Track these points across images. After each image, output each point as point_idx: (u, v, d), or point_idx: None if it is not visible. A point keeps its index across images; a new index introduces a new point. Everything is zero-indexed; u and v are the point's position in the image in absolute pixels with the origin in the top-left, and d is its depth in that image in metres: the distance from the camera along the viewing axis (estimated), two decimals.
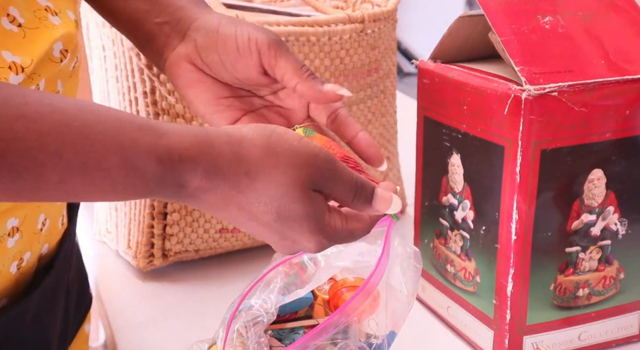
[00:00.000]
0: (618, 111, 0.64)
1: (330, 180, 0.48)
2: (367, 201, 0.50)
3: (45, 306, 0.60)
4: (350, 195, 0.49)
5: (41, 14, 0.52)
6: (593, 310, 0.69)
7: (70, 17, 0.55)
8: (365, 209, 0.51)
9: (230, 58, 0.57)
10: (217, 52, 0.58)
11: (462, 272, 0.72)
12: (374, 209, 0.51)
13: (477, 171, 0.68)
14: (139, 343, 0.76)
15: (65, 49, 0.53)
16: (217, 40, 0.58)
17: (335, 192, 0.49)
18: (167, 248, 0.86)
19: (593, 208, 0.66)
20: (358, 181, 0.49)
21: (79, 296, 0.69)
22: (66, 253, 0.64)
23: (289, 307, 0.62)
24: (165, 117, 0.81)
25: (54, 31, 0.52)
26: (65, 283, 0.64)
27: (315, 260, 0.62)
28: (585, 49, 0.65)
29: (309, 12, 0.96)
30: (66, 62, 0.54)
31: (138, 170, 0.43)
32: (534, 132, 0.61)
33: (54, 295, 0.61)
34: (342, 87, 0.56)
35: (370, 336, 0.61)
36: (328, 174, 0.48)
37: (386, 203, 0.51)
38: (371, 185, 0.51)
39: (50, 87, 0.53)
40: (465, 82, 0.67)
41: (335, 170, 0.48)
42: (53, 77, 0.54)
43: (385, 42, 0.92)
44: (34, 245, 0.57)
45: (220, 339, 0.58)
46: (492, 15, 0.65)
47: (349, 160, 0.54)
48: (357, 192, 0.49)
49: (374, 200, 0.50)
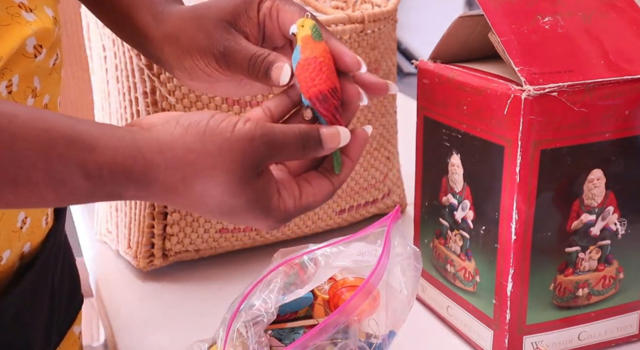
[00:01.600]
0: (618, 111, 0.64)
1: (272, 154, 0.48)
2: (318, 146, 0.50)
3: (26, 306, 0.59)
4: (299, 152, 0.49)
5: (14, 10, 0.51)
6: (593, 310, 0.69)
7: (48, 14, 0.54)
8: (319, 152, 0.50)
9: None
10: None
11: (462, 272, 0.72)
12: (327, 148, 0.50)
13: (477, 171, 0.68)
14: (139, 343, 0.76)
15: (40, 45, 0.53)
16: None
17: (283, 158, 0.49)
18: (168, 248, 0.86)
19: (593, 208, 0.66)
20: (302, 134, 0.49)
21: (68, 297, 0.68)
22: (50, 252, 0.63)
23: (289, 307, 0.62)
24: None
25: (27, 27, 0.51)
26: (49, 283, 0.63)
27: (315, 260, 0.62)
28: (585, 49, 0.65)
29: (308, 12, 0.96)
30: (42, 57, 0.53)
31: (66, 185, 0.43)
32: (534, 132, 0.61)
33: (37, 295, 0.61)
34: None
35: (370, 336, 0.61)
36: (268, 151, 0.47)
37: (335, 139, 0.50)
38: (315, 130, 0.50)
39: (25, 82, 0.53)
40: (465, 82, 0.67)
41: (275, 142, 0.47)
42: (28, 73, 0.53)
43: (385, 42, 0.92)
44: (14, 243, 0.56)
45: (220, 339, 0.59)
46: (492, 15, 0.65)
47: (336, 92, 0.52)
48: (305, 144, 0.49)
49: (323, 141, 0.50)
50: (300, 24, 0.52)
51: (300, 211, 0.51)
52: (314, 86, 0.50)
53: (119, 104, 0.86)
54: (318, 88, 0.51)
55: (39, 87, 0.55)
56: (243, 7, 0.55)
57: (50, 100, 0.58)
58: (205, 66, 0.55)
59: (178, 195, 0.46)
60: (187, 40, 0.56)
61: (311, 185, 0.52)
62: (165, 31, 0.57)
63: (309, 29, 0.51)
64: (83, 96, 1.86)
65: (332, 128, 0.51)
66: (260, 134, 0.47)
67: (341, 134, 0.51)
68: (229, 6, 0.55)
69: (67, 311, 0.68)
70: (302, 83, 0.51)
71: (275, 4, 0.55)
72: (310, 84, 0.50)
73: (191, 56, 0.55)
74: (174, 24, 0.57)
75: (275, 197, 0.49)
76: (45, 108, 0.57)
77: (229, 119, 0.47)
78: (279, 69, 0.51)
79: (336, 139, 0.50)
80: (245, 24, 0.55)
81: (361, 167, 0.94)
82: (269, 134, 0.47)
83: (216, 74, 0.56)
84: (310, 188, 0.51)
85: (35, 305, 0.61)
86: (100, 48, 0.88)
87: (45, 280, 0.62)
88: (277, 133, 0.48)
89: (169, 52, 0.57)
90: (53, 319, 0.65)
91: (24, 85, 0.53)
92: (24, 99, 0.53)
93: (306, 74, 0.50)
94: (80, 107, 1.88)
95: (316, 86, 0.50)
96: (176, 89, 0.81)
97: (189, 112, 0.48)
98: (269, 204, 0.48)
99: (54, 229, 0.64)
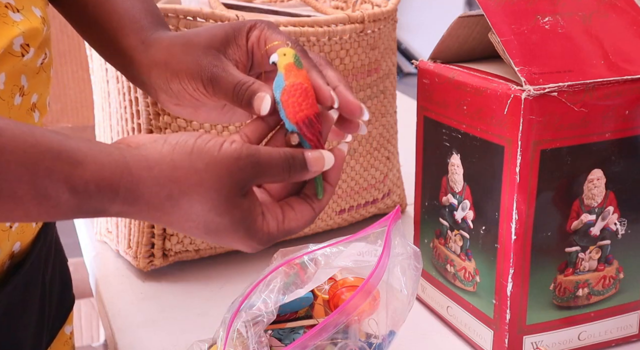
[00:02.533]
0: (618, 111, 0.64)
1: (258, 174, 0.48)
2: (303, 169, 0.50)
3: (16, 305, 0.59)
4: (285, 174, 0.50)
5: (0, 10, 0.51)
6: (593, 310, 0.69)
7: (36, 14, 0.55)
8: (304, 176, 0.51)
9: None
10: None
11: (462, 272, 0.72)
12: (312, 171, 0.51)
13: (477, 171, 0.68)
14: (139, 343, 0.76)
15: (27, 44, 0.53)
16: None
17: (269, 179, 0.49)
18: (168, 248, 0.86)
19: (593, 208, 0.66)
20: (287, 157, 0.50)
21: (59, 297, 0.68)
22: (41, 252, 0.63)
23: (289, 307, 0.62)
24: (166, 117, 0.81)
25: (14, 27, 0.52)
26: (39, 282, 0.63)
27: (315, 260, 0.62)
28: (585, 49, 0.65)
29: (309, 12, 0.96)
30: (29, 56, 0.54)
31: (51, 199, 0.43)
32: (534, 132, 0.61)
33: (27, 294, 0.61)
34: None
35: (370, 336, 0.61)
36: (254, 171, 0.48)
37: (320, 163, 0.51)
38: (300, 153, 0.50)
39: (12, 81, 0.53)
40: (465, 82, 0.67)
41: (260, 162, 0.48)
42: (15, 71, 0.53)
43: (385, 42, 0.92)
44: (3, 242, 0.57)
45: (220, 339, 0.59)
46: (491, 15, 0.65)
47: (319, 117, 0.52)
48: (291, 167, 0.50)
49: (308, 164, 0.51)
50: (282, 53, 0.53)
51: (282, 235, 0.51)
52: (300, 111, 0.51)
53: (119, 104, 0.86)
54: (305, 113, 0.51)
55: (26, 86, 0.55)
56: (232, 35, 0.57)
57: (39, 100, 0.58)
58: (193, 90, 0.56)
59: (164, 212, 0.47)
60: (176, 64, 0.57)
61: (293, 210, 0.52)
62: (154, 56, 0.58)
63: (291, 57, 0.53)
64: (83, 96, 1.86)
65: (316, 152, 0.51)
66: (247, 154, 0.48)
67: (325, 158, 0.52)
68: (218, 34, 0.56)
69: (58, 311, 0.68)
70: (289, 109, 0.52)
71: (263, 33, 0.56)
72: (297, 109, 0.51)
73: (179, 79, 0.56)
74: (163, 49, 0.58)
75: (260, 218, 0.50)
76: (33, 107, 0.57)
77: (215, 139, 0.48)
78: (260, 99, 0.52)
79: (321, 163, 0.51)
80: (235, 52, 0.57)
81: (361, 167, 0.94)
82: (255, 154, 0.48)
83: (203, 98, 0.57)
84: (292, 213, 0.52)
85: (25, 305, 0.61)
86: None
87: (35, 280, 0.62)
88: (263, 154, 0.49)
89: (157, 75, 0.58)
90: (44, 319, 0.65)
91: (11, 84, 0.53)
92: (11, 97, 0.54)
93: (292, 99, 0.51)
94: (80, 107, 1.88)
95: (303, 111, 0.51)
96: None
97: (176, 133, 0.49)
98: (254, 225, 0.49)
99: (44, 228, 0.64)
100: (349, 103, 0.54)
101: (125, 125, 0.86)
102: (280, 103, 0.52)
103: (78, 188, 0.43)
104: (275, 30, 0.56)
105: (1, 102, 0.52)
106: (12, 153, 0.41)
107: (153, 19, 0.61)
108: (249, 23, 0.57)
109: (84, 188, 0.43)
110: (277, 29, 0.56)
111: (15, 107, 0.54)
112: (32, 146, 0.42)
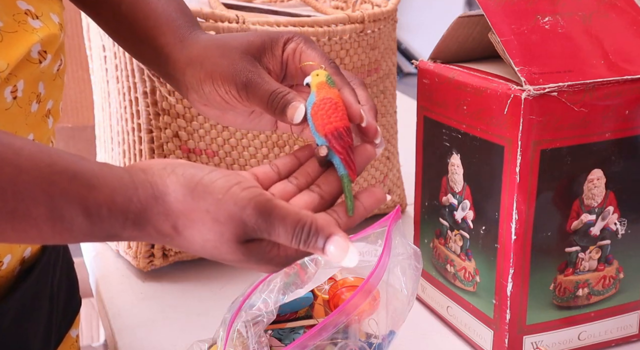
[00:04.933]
0: (618, 111, 0.64)
1: (264, 231, 0.45)
2: (316, 241, 0.46)
3: (26, 310, 0.59)
4: (294, 240, 0.45)
5: (20, 17, 0.52)
6: (593, 310, 0.69)
7: (54, 20, 0.55)
8: (316, 252, 0.46)
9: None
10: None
11: (462, 272, 0.72)
12: (326, 255, 0.46)
13: (477, 171, 0.68)
14: (139, 343, 0.76)
15: (44, 50, 0.53)
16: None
17: (274, 239, 0.46)
18: (168, 248, 0.86)
19: (593, 208, 0.66)
20: (301, 221, 0.45)
21: (65, 300, 0.68)
22: (50, 257, 0.63)
23: (289, 307, 0.62)
24: (166, 117, 0.81)
25: (34, 35, 0.52)
26: (48, 287, 0.64)
27: (315, 260, 0.62)
28: (585, 49, 0.65)
29: (309, 12, 0.96)
30: (46, 63, 0.54)
31: (65, 221, 0.42)
32: (534, 132, 0.61)
33: (36, 299, 0.61)
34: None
35: (370, 336, 0.61)
36: (258, 227, 0.45)
37: (341, 254, 0.46)
38: (315, 222, 0.45)
39: (30, 88, 0.53)
40: (465, 82, 0.67)
41: (271, 221, 0.45)
42: (34, 78, 0.53)
43: (385, 42, 0.92)
44: (14, 248, 0.57)
45: (221, 339, 0.59)
46: (491, 15, 0.65)
47: (349, 132, 0.52)
48: (298, 236, 0.45)
49: (326, 251, 0.46)
50: (315, 74, 0.54)
51: (302, 255, 0.49)
52: (329, 123, 0.52)
53: (119, 104, 0.86)
54: (334, 125, 0.52)
55: (43, 93, 0.55)
56: (270, 44, 0.57)
57: (53, 106, 0.58)
58: (225, 93, 0.56)
59: (171, 238, 0.46)
60: (211, 65, 0.57)
61: None
62: (190, 55, 0.58)
63: (324, 77, 0.53)
64: (83, 96, 1.86)
65: (343, 241, 0.46)
66: (254, 208, 0.44)
67: (349, 254, 0.46)
68: (256, 41, 0.57)
69: (64, 314, 0.68)
70: (318, 121, 0.52)
71: (300, 47, 0.57)
72: (327, 121, 0.52)
73: (213, 81, 0.56)
74: (200, 49, 0.58)
75: (274, 249, 0.47)
76: (48, 113, 0.58)
77: (226, 178, 0.46)
78: (294, 108, 0.52)
79: (341, 255, 0.46)
80: (269, 60, 0.57)
81: None
82: (264, 211, 0.44)
83: (234, 101, 0.56)
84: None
85: (34, 309, 0.61)
86: (100, 48, 0.88)
87: (45, 284, 0.63)
88: (275, 214, 0.45)
89: (191, 75, 0.58)
90: (52, 322, 0.65)
91: (29, 91, 0.53)
92: (29, 104, 0.54)
93: (322, 112, 0.52)
94: (80, 107, 1.88)
95: (332, 123, 0.52)
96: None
97: (187, 162, 0.48)
98: (265, 257, 0.47)
99: None
100: (367, 123, 0.54)
101: (125, 125, 0.86)
102: (311, 118, 0.52)
103: (92, 211, 0.43)
104: (312, 45, 0.56)
105: (19, 109, 0.52)
106: (29, 173, 0.41)
107: (188, 19, 0.62)
108: (287, 34, 0.57)
109: (97, 211, 0.43)
110: (313, 45, 0.57)
111: (32, 114, 0.54)
112: (48, 166, 0.42)
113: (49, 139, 0.59)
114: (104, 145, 0.95)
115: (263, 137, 0.86)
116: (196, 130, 0.83)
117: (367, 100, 0.56)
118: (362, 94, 0.56)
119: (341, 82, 0.54)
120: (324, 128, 0.51)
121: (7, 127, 0.51)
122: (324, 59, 0.55)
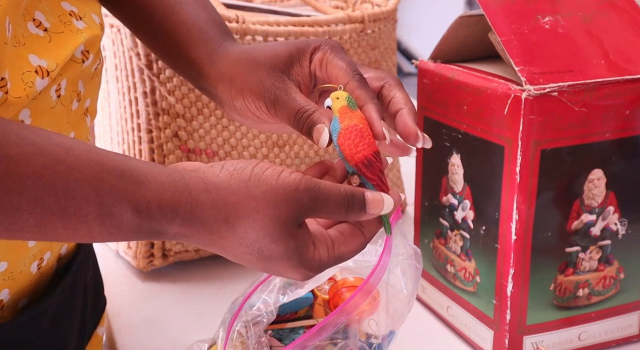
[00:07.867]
0: (618, 111, 0.64)
1: (315, 208, 0.48)
2: (361, 209, 0.50)
3: (63, 306, 0.60)
4: (342, 211, 0.49)
5: (66, 18, 0.52)
6: (593, 310, 0.69)
7: (95, 21, 0.56)
8: (362, 216, 0.50)
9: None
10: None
11: (462, 272, 0.72)
12: (369, 213, 0.50)
13: (477, 171, 0.68)
14: (139, 343, 0.76)
15: (87, 50, 0.54)
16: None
17: (324, 215, 0.49)
18: (167, 248, 0.86)
19: (593, 208, 0.66)
20: (347, 195, 0.49)
21: (94, 298, 0.69)
22: (84, 254, 0.64)
23: (289, 307, 0.62)
24: (165, 117, 0.81)
25: (79, 36, 0.52)
26: (82, 284, 0.64)
27: None
28: (585, 49, 0.65)
29: (309, 12, 0.96)
30: (88, 63, 0.55)
31: (114, 218, 0.43)
32: (534, 132, 0.61)
33: (72, 295, 0.62)
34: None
35: (370, 336, 0.61)
36: (311, 204, 0.47)
37: (379, 205, 0.50)
38: (360, 193, 0.50)
39: (71, 87, 0.54)
40: (465, 82, 0.67)
41: (319, 197, 0.48)
42: (75, 77, 0.54)
43: (385, 42, 0.92)
44: (54, 245, 0.57)
45: (221, 339, 0.59)
46: (492, 15, 0.65)
47: (378, 156, 0.52)
48: (349, 205, 0.49)
49: (367, 205, 0.50)
50: (335, 97, 0.53)
51: (333, 262, 0.50)
52: (357, 152, 0.52)
53: (118, 104, 0.86)
54: (362, 154, 0.52)
55: (82, 91, 0.56)
56: (297, 56, 0.57)
57: (91, 104, 0.59)
58: (256, 109, 0.57)
59: (219, 235, 0.47)
60: (241, 82, 0.57)
61: (343, 235, 0.52)
62: (220, 70, 0.58)
63: (344, 100, 0.53)
64: None
65: (377, 194, 0.51)
66: (305, 187, 0.47)
67: (385, 202, 0.51)
68: (283, 54, 0.56)
69: (93, 312, 0.69)
70: (346, 151, 0.52)
71: (326, 57, 0.56)
72: (354, 150, 0.52)
73: (243, 97, 0.57)
74: (229, 64, 0.58)
75: (312, 247, 0.49)
76: (86, 111, 0.58)
77: (273, 167, 0.48)
78: (318, 132, 0.52)
79: (380, 205, 0.50)
80: (298, 73, 0.57)
81: None
82: (314, 188, 0.47)
83: (265, 117, 0.57)
84: (342, 238, 0.51)
85: (71, 306, 0.62)
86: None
87: (80, 281, 0.63)
88: (322, 189, 0.48)
89: (222, 91, 0.58)
90: (85, 320, 0.66)
91: (70, 89, 0.54)
92: (70, 102, 0.54)
93: (349, 142, 0.52)
94: None
95: (360, 152, 0.52)
96: (176, 88, 0.81)
97: (233, 160, 0.48)
98: (307, 254, 0.49)
99: None
100: (405, 126, 0.54)
101: (125, 125, 0.86)
102: (338, 146, 0.52)
103: (141, 207, 0.43)
104: (338, 54, 0.56)
105: (62, 107, 0.53)
106: (80, 171, 0.41)
107: (219, 30, 0.61)
108: (313, 44, 0.57)
109: (146, 208, 0.43)
110: (339, 54, 0.56)
111: (73, 112, 0.55)
112: (98, 165, 0.42)
113: (87, 137, 0.60)
114: (103, 145, 0.95)
115: (263, 137, 0.86)
116: (196, 130, 0.83)
117: (405, 101, 0.55)
118: (400, 95, 0.56)
119: (365, 97, 0.54)
120: (353, 157, 0.51)
121: (52, 125, 0.52)
122: (350, 69, 0.55)
